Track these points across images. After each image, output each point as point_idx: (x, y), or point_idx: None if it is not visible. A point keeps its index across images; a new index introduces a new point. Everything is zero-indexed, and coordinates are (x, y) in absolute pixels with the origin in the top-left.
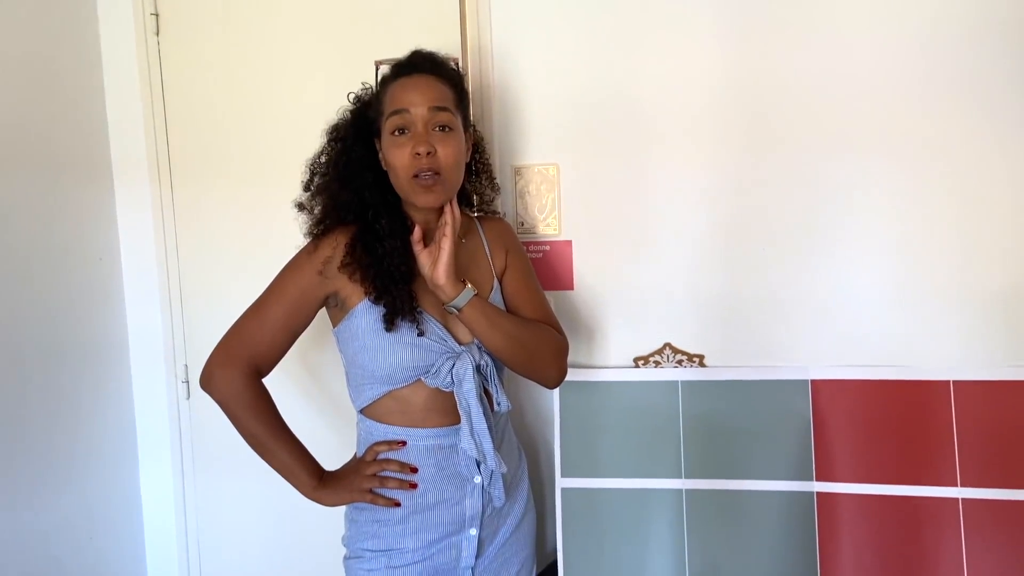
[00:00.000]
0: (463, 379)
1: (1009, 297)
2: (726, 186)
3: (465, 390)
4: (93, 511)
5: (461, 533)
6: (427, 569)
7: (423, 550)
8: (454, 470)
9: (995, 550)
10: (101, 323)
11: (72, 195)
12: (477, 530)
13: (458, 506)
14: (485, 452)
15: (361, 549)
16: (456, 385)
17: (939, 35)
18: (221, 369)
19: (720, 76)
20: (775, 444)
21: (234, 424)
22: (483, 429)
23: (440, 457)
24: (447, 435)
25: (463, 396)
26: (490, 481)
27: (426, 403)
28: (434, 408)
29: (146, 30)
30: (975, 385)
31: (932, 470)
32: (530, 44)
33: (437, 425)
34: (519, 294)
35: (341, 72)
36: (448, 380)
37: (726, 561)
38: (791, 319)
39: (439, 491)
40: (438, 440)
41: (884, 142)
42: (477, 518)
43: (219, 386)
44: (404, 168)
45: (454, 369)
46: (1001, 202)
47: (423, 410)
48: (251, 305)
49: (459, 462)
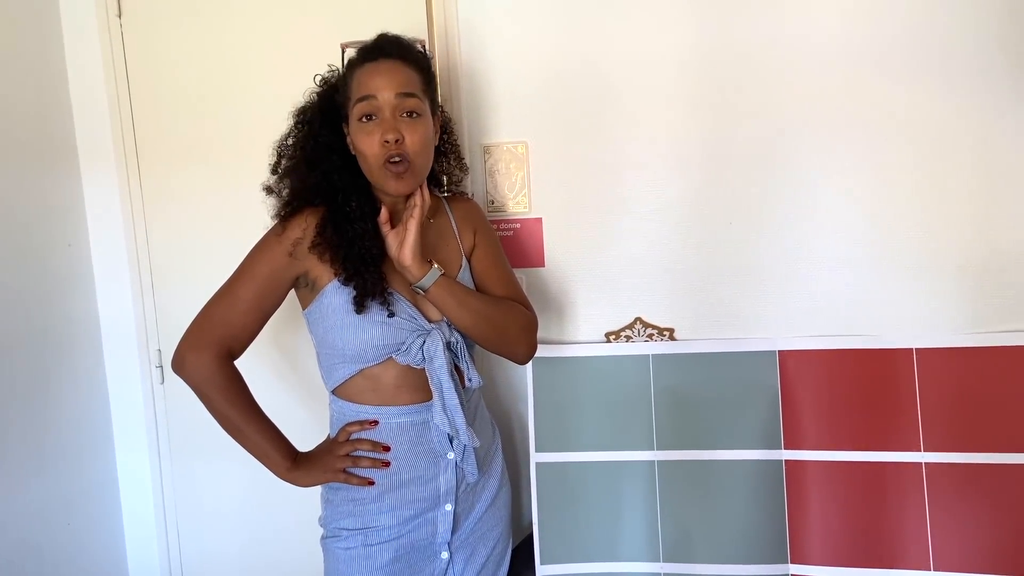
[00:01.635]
0: (434, 356)
1: (970, 266)
2: (693, 161)
3: (436, 366)
4: (70, 497)
5: (436, 509)
6: (403, 545)
7: (399, 527)
8: (427, 447)
9: (958, 512)
10: (72, 310)
11: (38, 181)
12: (452, 505)
13: (432, 482)
14: (457, 427)
15: (338, 528)
16: (427, 362)
17: (903, 7)
18: (193, 352)
19: (686, 51)
20: (744, 414)
21: (207, 407)
22: (455, 405)
23: (413, 434)
24: (419, 412)
25: (434, 372)
26: (463, 457)
27: (397, 380)
28: (405, 385)
29: (108, 12)
30: (937, 352)
31: (896, 436)
32: (497, 22)
33: (409, 402)
34: (488, 273)
35: (308, 53)
36: (419, 357)
37: (698, 529)
38: (758, 292)
39: (413, 468)
40: (410, 417)
41: (849, 114)
42: (452, 493)
43: (191, 370)
44: (374, 156)
45: (424, 346)
46: (962, 172)
47: (394, 387)
48: (221, 288)
49: (432, 438)
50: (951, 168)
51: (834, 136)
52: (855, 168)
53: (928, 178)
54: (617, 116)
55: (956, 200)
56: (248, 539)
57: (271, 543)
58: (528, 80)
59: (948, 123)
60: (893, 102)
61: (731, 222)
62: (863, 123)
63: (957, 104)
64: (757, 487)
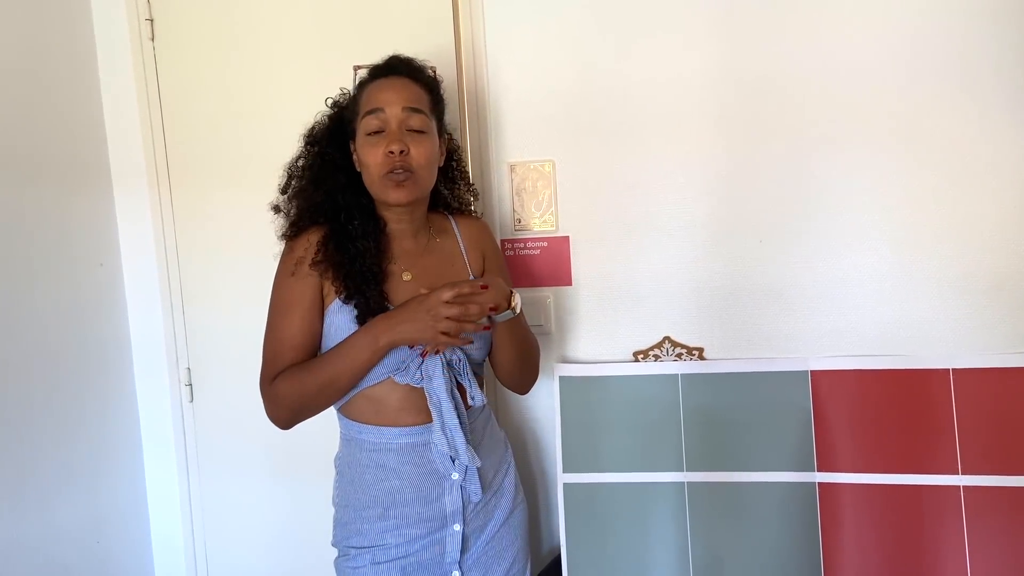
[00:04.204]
0: (432, 375)
1: (1006, 284)
2: (722, 179)
3: (435, 386)
4: (100, 514)
5: (444, 530)
6: (411, 565)
7: (405, 546)
8: (430, 467)
9: (997, 537)
10: (104, 328)
11: (72, 202)
12: (461, 526)
13: (437, 503)
14: (458, 448)
15: (346, 547)
16: (426, 380)
17: (927, 25)
18: (266, 397)
19: (713, 70)
20: (776, 435)
21: (311, 400)
22: (455, 424)
23: (415, 455)
24: (421, 433)
25: (433, 392)
26: (465, 477)
27: (400, 402)
28: (406, 407)
29: (141, 35)
30: (974, 373)
31: (933, 458)
32: (523, 41)
33: (410, 424)
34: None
35: (338, 75)
36: (418, 376)
37: (729, 553)
38: (789, 311)
39: (417, 488)
40: (411, 438)
41: (880, 131)
42: (459, 514)
43: (276, 405)
44: (377, 165)
45: (423, 365)
46: (997, 190)
47: (396, 409)
48: (265, 329)
49: (435, 459)
50: (984, 184)
51: (865, 153)
52: (886, 185)
53: (961, 194)
54: (644, 134)
55: (990, 216)
56: (277, 558)
57: (300, 562)
58: (555, 98)
59: (981, 140)
60: (924, 119)
61: (761, 240)
62: (894, 140)
63: (990, 121)
64: (790, 510)
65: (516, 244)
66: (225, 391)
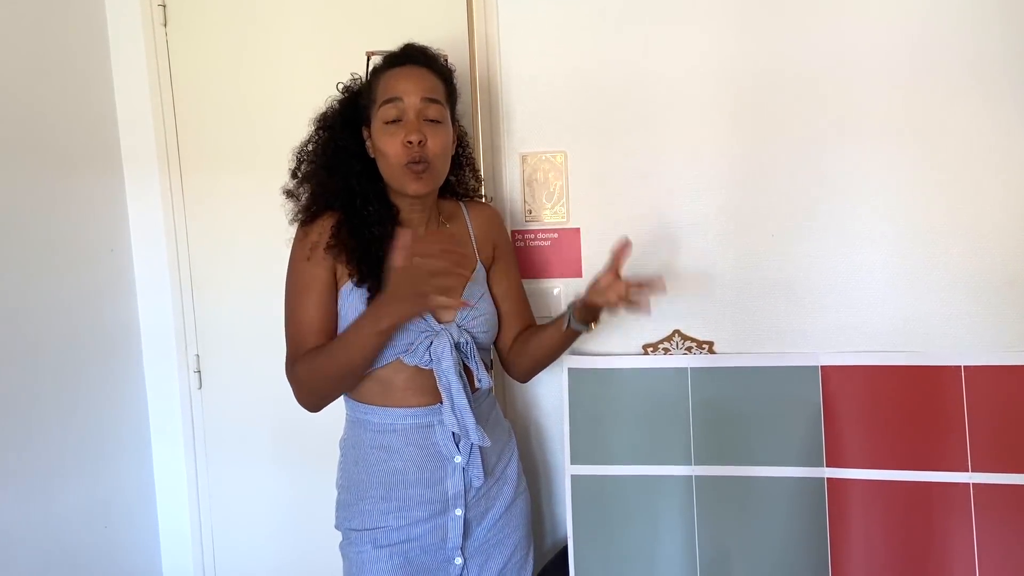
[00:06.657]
0: (441, 357)
1: (1018, 280)
2: (733, 173)
3: (444, 367)
4: (107, 500)
5: (446, 514)
6: (413, 549)
7: (407, 529)
8: (434, 450)
9: (1006, 535)
10: (113, 314)
11: (83, 187)
12: (462, 511)
13: (439, 485)
14: (467, 427)
15: (348, 530)
16: (435, 362)
17: (940, 21)
18: (292, 378)
19: (727, 62)
20: (785, 430)
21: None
22: (464, 405)
23: (419, 436)
24: (426, 415)
25: (442, 373)
26: (468, 460)
27: (406, 383)
28: (412, 388)
29: (153, 21)
30: (986, 370)
31: (943, 455)
32: (537, 31)
33: (416, 405)
34: (509, 294)
35: (351, 62)
36: (426, 358)
37: (736, 547)
38: (800, 305)
39: (420, 469)
40: (417, 420)
41: (893, 126)
42: (460, 498)
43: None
44: (396, 156)
45: (432, 347)
46: (1009, 186)
47: (403, 390)
48: (285, 315)
49: (438, 441)
50: (997, 180)
51: (877, 148)
52: (899, 180)
53: (974, 190)
54: (657, 127)
55: (1003, 212)
56: (283, 544)
57: (306, 548)
58: (568, 89)
59: (993, 136)
60: (938, 115)
61: (772, 234)
62: (907, 135)
63: (1003, 117)
64: (798, 505)
65: (527, 235)
66: (234, 378)
